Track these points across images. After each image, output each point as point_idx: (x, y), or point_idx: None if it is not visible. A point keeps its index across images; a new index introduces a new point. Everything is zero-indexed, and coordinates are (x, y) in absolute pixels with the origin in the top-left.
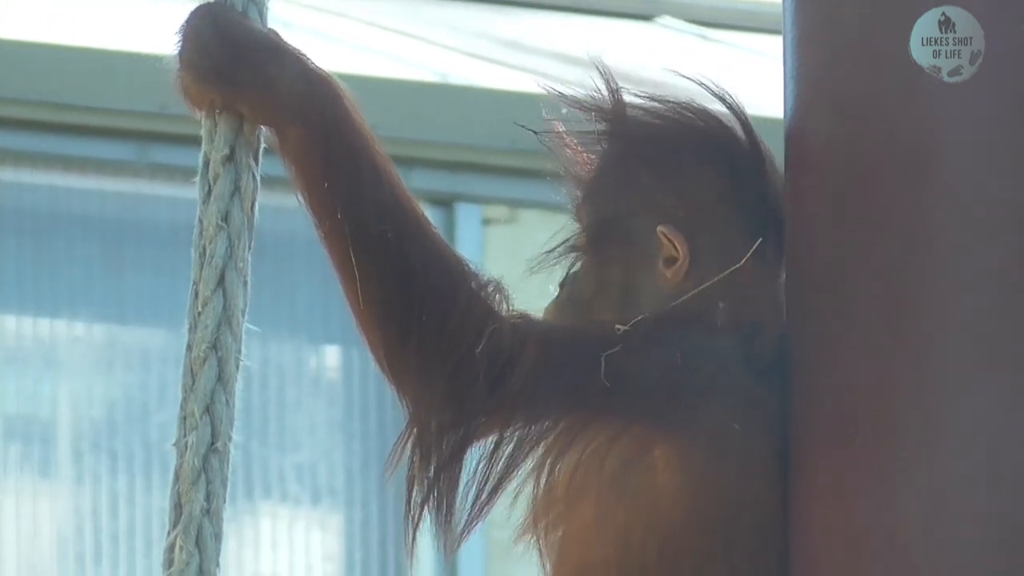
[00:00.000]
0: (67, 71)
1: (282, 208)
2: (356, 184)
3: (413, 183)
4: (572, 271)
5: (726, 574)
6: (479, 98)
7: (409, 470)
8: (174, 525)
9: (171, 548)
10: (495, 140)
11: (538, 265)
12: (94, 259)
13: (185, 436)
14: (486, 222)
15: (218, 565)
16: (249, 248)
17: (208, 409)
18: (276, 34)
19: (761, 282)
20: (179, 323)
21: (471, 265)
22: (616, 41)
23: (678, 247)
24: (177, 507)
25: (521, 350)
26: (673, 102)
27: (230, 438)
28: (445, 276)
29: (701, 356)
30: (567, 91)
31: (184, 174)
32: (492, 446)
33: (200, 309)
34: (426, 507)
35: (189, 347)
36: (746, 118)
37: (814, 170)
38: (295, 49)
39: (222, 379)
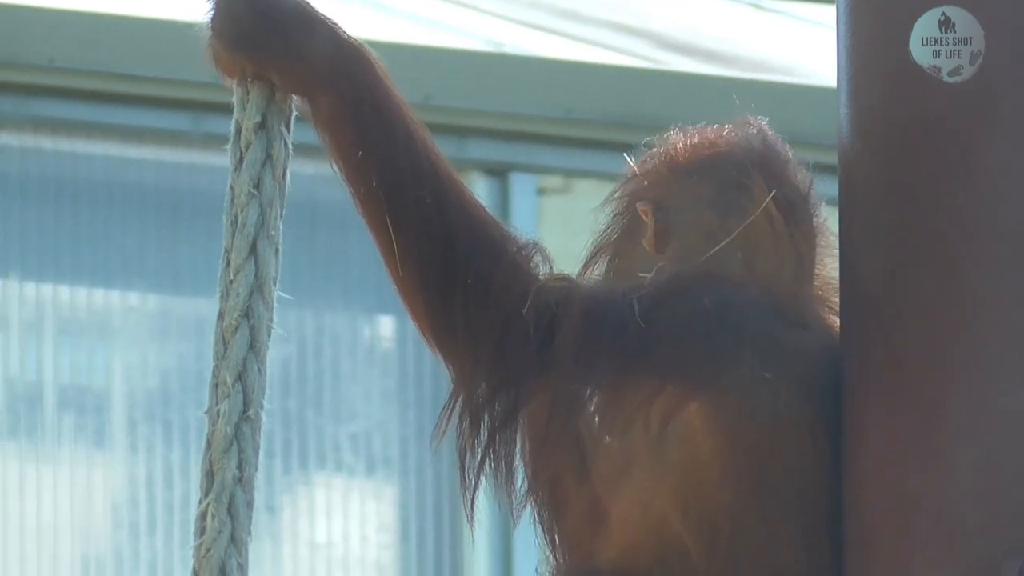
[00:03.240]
0: (121, 41)
1: (335, 178)
2: (390, 151)
3: (468, 153)
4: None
5: (767, 537)
6: (534, 68)
7: (459, 438)
8: (206, 493)
9: (203, 516)
10: (550, 110)
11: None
12: (148, 229)
13: (217, 404)
14: (541, 192)
15: (250, 533)
16: (280, 216)
17: (240, 377)
18: (308, 4)
19: (771, 238)
20: None
21: (510, 228)
22: (670, 11)
23: (644, 216)
24: (209, 475)
25: (566, 309)
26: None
27: (262, 406)
28: (487, 238)
29: (727, 305)
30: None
31: None
32: (543, 408)
33: (232, 277)
34: (483, 473)
35: (221, 315)
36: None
37: (866, 138)
38: (327, 18)
39: (254, 347)
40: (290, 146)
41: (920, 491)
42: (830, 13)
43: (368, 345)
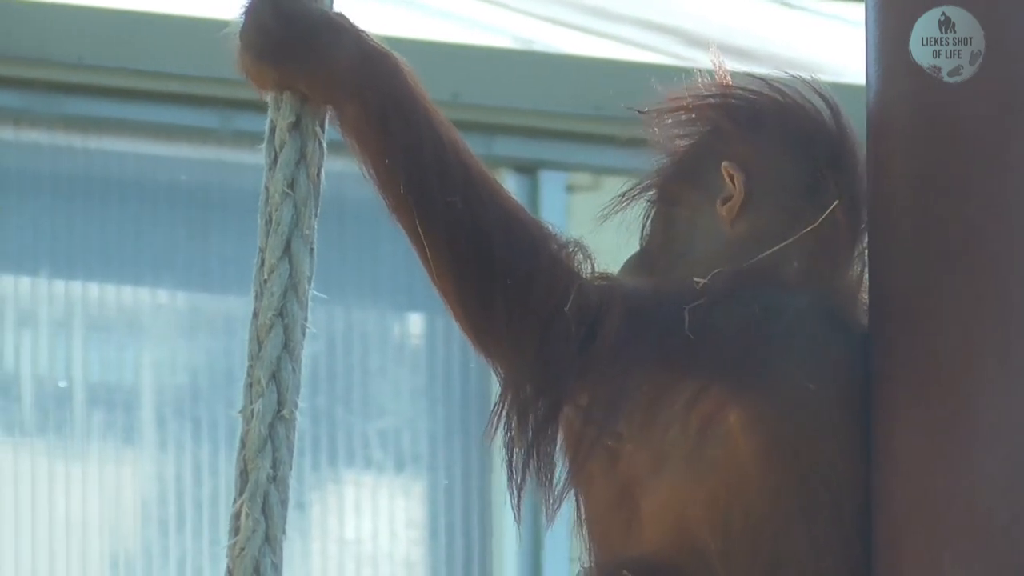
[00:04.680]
0: (151, 38)
1: (364, 176)
2: (417, 158)
3: (496, 150)
4: (646, 223)
5: (805, 540)
6: (563, 65)
7: (507, 435)
8: (240, 492)
9: (237, 516)
10: (579, 107)
11: (612, 210)
12: (177, 226)
13: (251, 403)
14: (570, 189)
15: (284, 532)
16: (315, 215)
17: (274, 376)
18: (338, 14)
19: (833, 244)
20: None
21: (550, 226)
22: (700, 8)
23: (736, 183)
24: (243, 474)
25: (608, 308)
26: (768, 79)
27: (296, 405)
28: (525, 238)
29: (777, 311)
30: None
31: None
32: (583, 407)
33: (266, 276)
34: (528, 471)
35: (255, 314)
36: (837, 105)
37: (895, 136)
38: (354, 26)
39: (288, 346)
40: (324, 145)
41: (949, 488)
42: (859, 11)
43: (397, 342)
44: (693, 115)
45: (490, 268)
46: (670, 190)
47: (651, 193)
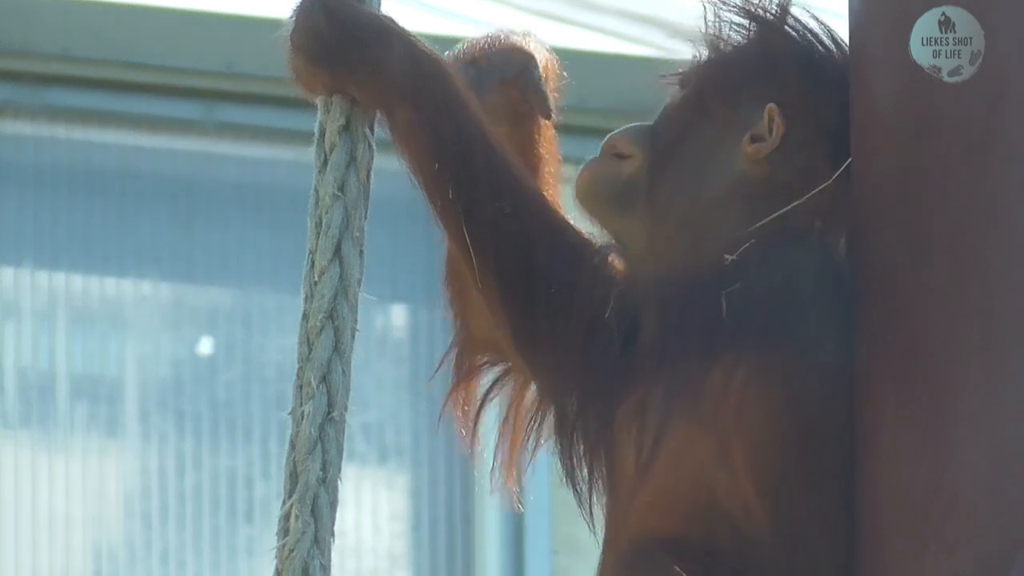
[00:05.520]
0: (134, 30)
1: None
2: (467, 164)
3: None
4: (666, 111)
5: (825, 503)
6: None
7: (561, 453)
8: (290, 494)
9: (286, 517)
10: (563, 99)
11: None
12: (161, 218)
13: (302, 406)
14: None
15: (333, 534)
16: (365, 217)
17: (324, 379)
18: (389, 18)
19: (844, 197)
20: (246, 282)
21: (588, 234)
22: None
23: (775, 129)
24: (293, 476)
25: (645, 310)
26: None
27: (346, 408)
28: (567, 247)
29: (802, 277)
30: None
31: (251, 133)
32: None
33: (316, 279)
34: (593, 482)
35: (305, 317)
36: None
37: (894, 136)
38: (405, 31)
39: (338, 349)
40: (374, 147)
41: (933, 481)
42: (843, 3)
43: (380, 335)
44: (757, 30)
45: (534, 276)
46: (705, 95)
47: (685, 87)
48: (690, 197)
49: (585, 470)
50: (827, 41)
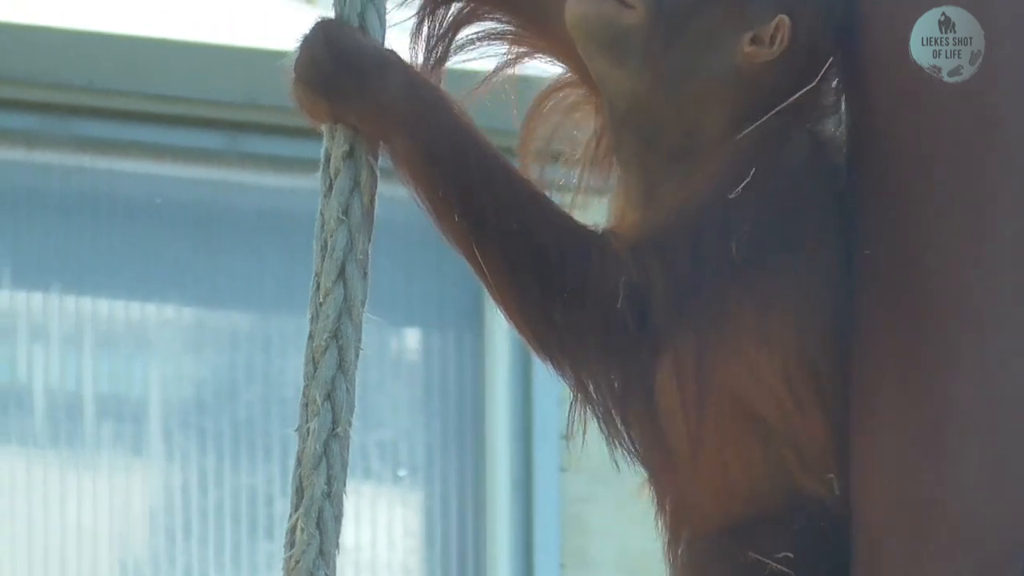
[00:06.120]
0: (158, 63)
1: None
2: (468, 186)
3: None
4: None
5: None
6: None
7: (607, 438)
8: (295, 508)
9: (293, 530)
10: None
11: None
12: (184, 245)
13: (307, 422)
14: None
15: (338, 546)
16: (369, 241)
17: (329, 396)
18: (390, 50)
19: (827, 99)
20: (266, 306)
21: (589, 224)
22: None
23: (779, 40)
24: (299, 490)
25: (652, 286)
26: None
27: (350, 424)
28: (576, 246)
29: (797, 201)
30: None
31: (271, 162)
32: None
33: (322, 300)
34: (633, 449)
35: (311, 336)
36: None
37: (893, 136)
38: (404, 62)
39: (342, 367)
40: (378, 173)
41: (929, 490)
42: None
43: (395, 357)
44: None
45: (547, 281)
46: (694, 33)
47: None
48: (683, 76)
49: (627, 443)
50: None
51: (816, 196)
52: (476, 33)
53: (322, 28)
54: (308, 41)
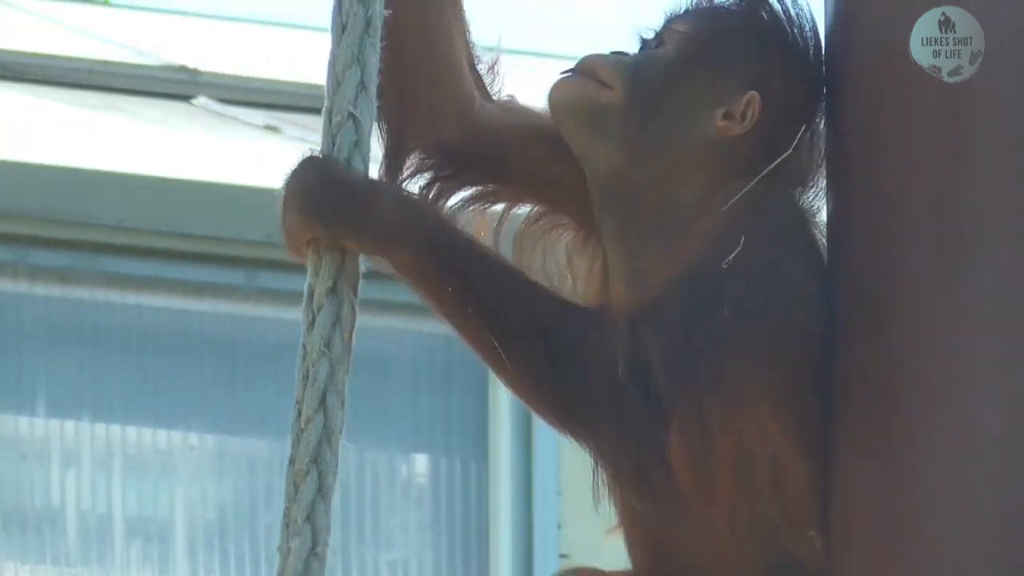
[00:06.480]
0: (183, 203)
1: (375, 328)
2: (470, 284)
3: None
4: (647, 53)
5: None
6: None
7: (639, 500)
8: None
9: None
10: None
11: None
12: (206, 375)
13: (288, 541)
14: None
15: None
16: (348, 372)
17: (309, 518)
18: (375, 178)
19: (804, 163)
20: (284, 433)
21: (580, 301)
22: None
23: (750, 114)
24: None
25: (650, 356)
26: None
27: (327, 544)
28: (577, 322)
29: (782, 262)
30: None
31: (288, 298)
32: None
33: (303, 427)
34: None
35: (292, 461)
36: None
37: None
38: (389, 183)
39: (321, 491)
40: (356, 309)
41: (898, 514)
42: None
43: (405, 481)
44: (743, 14)
45: (555, 359)
46: (691, 59)
47: (667, 43)
48: (660, 150)
49: (657, 493)
50: (808, 24)
51: (799, 254)
52: (455, 200)
53: (310, 160)
54: (298, 172)
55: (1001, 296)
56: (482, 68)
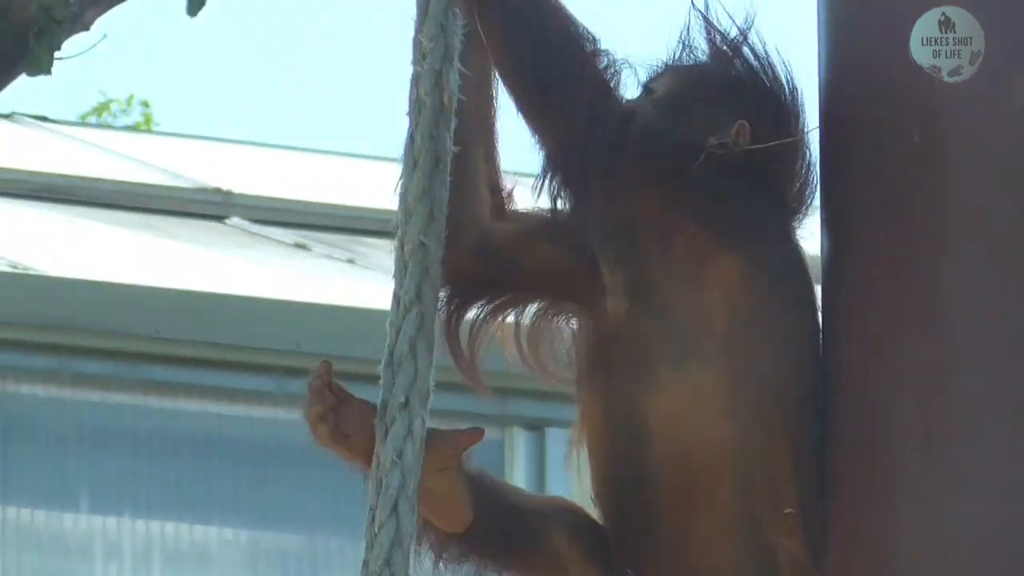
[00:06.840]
0: (217, 315)
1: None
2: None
3: (510, 410)
4: (650, 98)
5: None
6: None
7: (552, 196)
8: None
9: None
10: None
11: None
12: (240, 475)
13: None
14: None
15: None
16: (418, 480)
17: None
18: None
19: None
20: (313, 528)
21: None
22: None
23: (738, 141)
24: None
25: (632, 129)
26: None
27: None
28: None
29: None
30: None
31: None
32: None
33: (376, 531)
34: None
35: (365, 564)
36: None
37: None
38: None
39: None
40: (427, 423)
41: (879, 567)
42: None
43: None
44: (728, 47)
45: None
46: (679, 102)
47: (653, 92)
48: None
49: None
50: (781, 71)
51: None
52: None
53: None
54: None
55: (1000, 288)
56: (503, 189)
